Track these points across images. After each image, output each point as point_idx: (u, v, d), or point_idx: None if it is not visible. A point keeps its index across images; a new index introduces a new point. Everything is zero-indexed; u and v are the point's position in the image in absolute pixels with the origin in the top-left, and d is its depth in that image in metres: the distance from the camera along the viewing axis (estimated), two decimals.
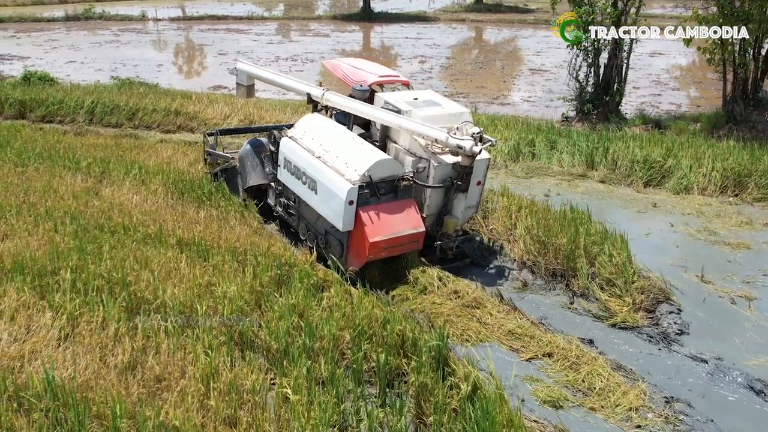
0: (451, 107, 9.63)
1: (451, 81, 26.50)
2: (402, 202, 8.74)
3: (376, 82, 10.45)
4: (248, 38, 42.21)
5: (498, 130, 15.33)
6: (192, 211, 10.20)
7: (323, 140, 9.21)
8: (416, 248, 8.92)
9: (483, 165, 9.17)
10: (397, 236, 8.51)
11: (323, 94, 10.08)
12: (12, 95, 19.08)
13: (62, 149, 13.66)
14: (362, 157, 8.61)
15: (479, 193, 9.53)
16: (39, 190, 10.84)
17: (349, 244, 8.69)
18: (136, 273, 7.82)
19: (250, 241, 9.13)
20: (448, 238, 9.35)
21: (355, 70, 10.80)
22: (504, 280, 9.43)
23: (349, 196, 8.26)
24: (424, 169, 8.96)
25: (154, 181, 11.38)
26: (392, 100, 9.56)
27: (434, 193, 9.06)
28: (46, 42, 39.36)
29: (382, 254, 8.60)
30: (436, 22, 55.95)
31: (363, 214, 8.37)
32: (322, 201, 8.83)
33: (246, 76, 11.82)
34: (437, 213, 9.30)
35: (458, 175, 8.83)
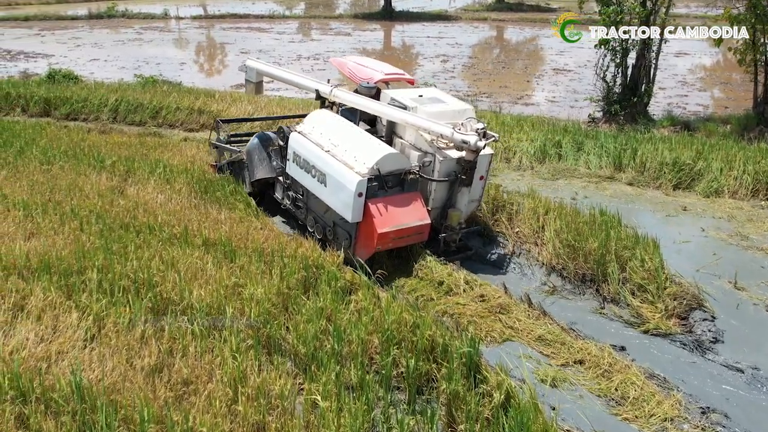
0: (455, 104, 9.90)
1: (474, 80, 26.31)
2: (409, 195, 9.03)
3: (382, 79, 10.75)
4: (270, 37, 42.24)
5: (524, 131, 15.15)
6: (215, 211, 10.12)
7: (332, 135, 9.48)
8: (422, 239, 9.22)
9: (486, 160, 9.46)
10: (404, 228, 8.80)
11: (331, 91, 10.39)
12: (37, 93, 19.18)
13: (87, 147, 13.67)
14: (371, 151, 8.89)
15: (482, 187, 9.81)
16: (64, 189, 10.84)
17: (357, 235, 8.97)
18: (162, 273, 7.75)
19: (277, 242, 9.04)
20: (452, 231, 9.59)
21: (361, 68, 11.14)
22: (532, 284, 9.27)
23: (359, 188, 8.53)
24: (430, 163, 9.26)
25: (178, 180, 11.35)
26: (399, 97, 9.86)
27: (439, 186, 9.35)
28: (69, 40, 39.65)
29: (389, 245, 8.89)
30: (457, 21, 55.71)
31: (372, 206, 8.65)
32: (331, 193, 9.07)
33: (255, 73, 12.05)
34: (442, 206, 9.59)
35: (462, 169, 9.11)
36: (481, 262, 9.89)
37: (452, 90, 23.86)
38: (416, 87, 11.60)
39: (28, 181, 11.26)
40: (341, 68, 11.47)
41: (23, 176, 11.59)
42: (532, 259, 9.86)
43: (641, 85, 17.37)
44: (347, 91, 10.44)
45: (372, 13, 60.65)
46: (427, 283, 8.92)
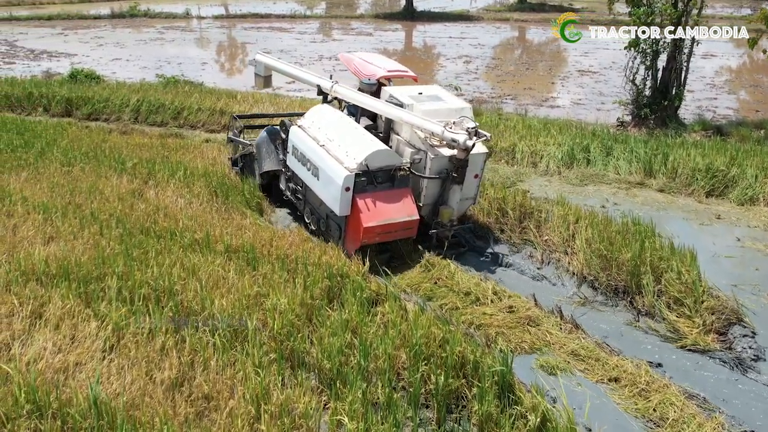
0: (452, 102, 9.99)
1: (498, 82, 25.95)
2: (398, 190, 9.18)
3: (384, 76, 10.89)
4: (291, 37, 42.12)
5: (551, 135, 14.81)
6: (239, 216, 9.92)
7: (328, 130, 9.74)
8: (410, 235, 9.38)
9: (480, 159, 9.61)
10: (390, 223, 8.98)
11: (332, 87, 10.64)
12: (59, 93, 19.13)
13: (108, 149, 13.54)
14: (361, 147, 9.11)
15: (476, 185, 9.93)
16: (85, 191, 10.69)
17: (346, 229, 9.22)
18: (183, 281, 7.56)
19: (302, 248, 8.81)
20: (443, 227, 9.69)
21: (366, 64, 11.24)
22: (562, 295, 8.96)
23: (346, 182, 8.75)
24: (421, 160, 9.40)
25: (198, 183, 11.16)
26: (397, 94, 10.02)
27: (430, 183, 9.50)
28: (92, 39, 39.80)
29: (376, 239, 9.06)
30: (479, 21, 55.31)
31: (359, 201, 8.87)
32: (323, 187, 9.34)
33: (264, 67, 12.46)
34: (434, 203, 9.73)
35: (454, 167, 9.23)
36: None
37: (476, 92, 23.55)
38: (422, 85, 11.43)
39: (49, 183, 11.13)
40: (348, 64, 11.59)
41: (44, 178, 11.46)
42: (561, 269, 9.55)
43: (672, 88, 16.91)
44: (347, 87, 10.67)
45: (393, 13, 60.41)
46: (449, 290, 8.68)
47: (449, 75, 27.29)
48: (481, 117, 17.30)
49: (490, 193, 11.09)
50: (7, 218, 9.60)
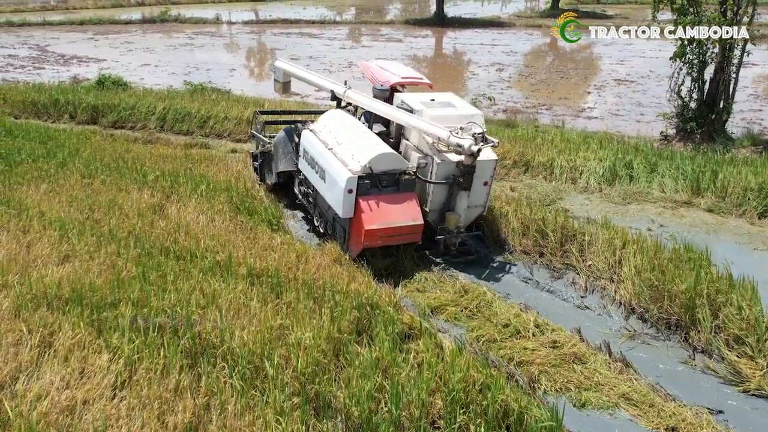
0: (463, 109, 10.00)
1: (532, 91, 25.23)
2: (403, 195, 9.16)
3: (398, 82, 10.99)
4: (320, 43, 41.73)
5: (591, 149, 14.10)
6: (267, 237, 9.40)
7: (338, 134, 9.82)
8: (414, 240, 9.34)
9: (490, 165, 9.57)
10: (394, 226, 8.95)
11: (345, 92, 10.93)
12: (85, 100, 18.88)
13: (131, 160, 13.14)
14: (366, 150, 9.13)
15: (486, 193, 9.84)
16: (104, 206, 10.26)
17: (350, 231, 9.26)
18: (202, 310, 7.04)
19: (329, 272, 8.26)
20: (449, 234, 9.67)
21: (381, 71, 11.39)
22: (609, 327, 8.28)
23: (348, 184, 8.81)
24: (426, 165, 9.44)
25: (220, 198, 10.67)
26: (408, 100, 10.13)
27: (436, 189, 9.48)
28: (122, 44, 39.82)
29: (378, 243, 9.05)
30: (510, 27, 54.53)
31: (362, 203, 8.89)
32: (328, 189, 9.44)
33: (282, 73, 12.81)
34: (440, 209, 9.70)
35: (461, 173, 9.18)
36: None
37: (509, 101, 22.88)
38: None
39: (68, 196, 10.72)
40: (365, 71, 11.77)
41: (63, 191, 11.07)
42: (607, 298, 8.86)
43: (719, 101, 16.03)
44: (359, 92, 10.85)
45: (423, 19, 59.87)
46: (485, 320, 8.07)
47: (481, 83, 26.64)
48: (517, 129, 16.67)
49: (527, 213, 10.44)
50: (23, 235, 9.19)
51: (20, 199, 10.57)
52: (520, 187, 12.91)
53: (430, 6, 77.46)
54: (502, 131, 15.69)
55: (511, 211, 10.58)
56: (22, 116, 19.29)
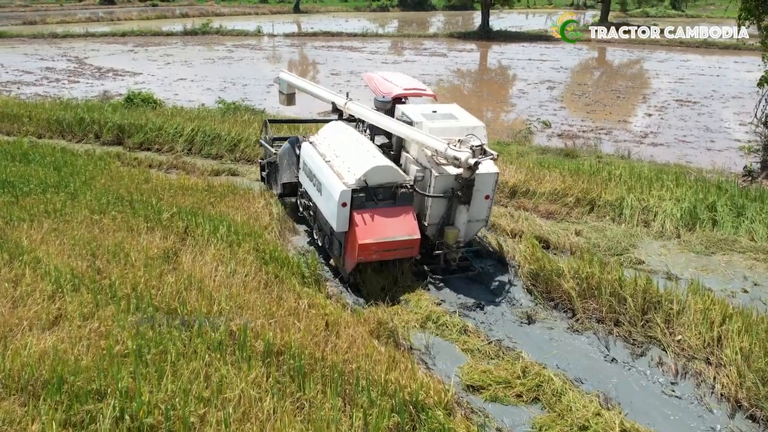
0: (465, 121, 9.64)
1: (588, 113, 23.46)
2: (399, 208, 8.91)
3: (401, 94, 10.73)
4: (362, 57, 40.51)
5: (666, 187, 12.38)
6: (291, 297, 7.94)
7: (337, 146, 9.65)
8: (411, 254, 9.08)
9: (491, 179, 9.22)
10: (389, 241, 8.70)
11: (346, 104, 10.76)
12: (111, 119, 17.76)
13: (147, 191, 11.84)
14: (362, 163, 8.91)
15: (488, 207, 9.48)
16: (109, 252, 8.92)
17: (345, 245, 9.02)
18: (203, 408, 5.60)
19: (365, 351, 6.76)
20: (448, 249, 9.41)
21: (384, 82, 11.20)
22: (708, 426, 6.62)
23: (342, 198, 8.60)
24: (423, 178, 9.16)
25: (244, 245, 9.25)
26: (408, 112, 9.89)
27: (435, 202, 9.20)
28: (160, 57, 39.14)
29: (374, 257, 8.81)
30: (558, 42, 52.59)
31: (357, 217, 8.68)
32: (324, 202, 9.21)
33: (287, 85, 12.84)
34: (439, 223, 9.38)
35: (460, 186, 8.92)
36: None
37: (564, 124, 21.16)
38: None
39: (71, 237, 9.42)
40: (369, 82, 11.57)
41: (68, 230, 9.78)
42: (705, 386, 7.19)
43: None
44: (360, 104, 10.58)
45: (468, 33, 58.38)
46: (558, 417, 6.49)
47: (532, 103, 24.99)
48: (578, 160, 15.02)
49: (597, 272, 8.79)
50: (12, 287, 7.91)
51: (17, 240, 9.31)
52: (586, 230, 11.26)
53: (474, 19, 75.97)
54: (562, 162, 14.06)
55: (580, 266, 8.94)
56: (46, 135, 18.28)
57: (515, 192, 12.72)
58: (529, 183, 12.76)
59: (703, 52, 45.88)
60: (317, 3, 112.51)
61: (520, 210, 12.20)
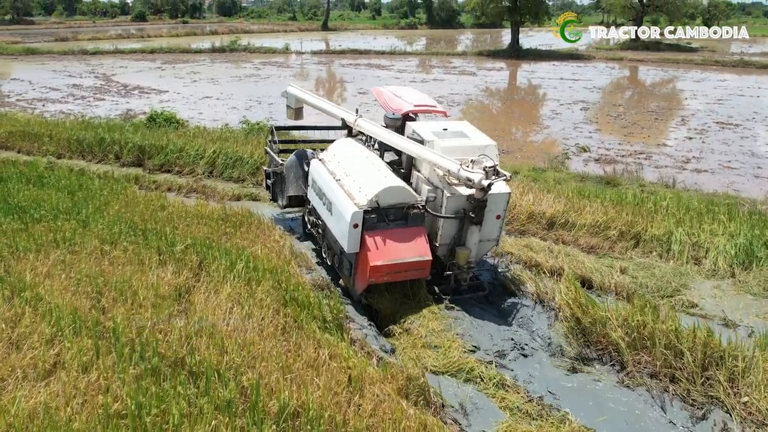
0: (477, 140, 9.36)
1: (624, 135, 22.52)
2: (411, 229, 8.76)
3: (411, 110, 10.44)
4: (390, 75, 39.99)
5: (718, 220, 11.47)
6: (312, 347, 7.19)
7: (347, 164, 9.45)
8: (422, 276, 8.87)
9: (502, 199, 9.01)
10: (400, 262, 8.53)
11: (355, 120, 10.53)
12: (131, 140, 17.27)
13: (162, 219, 11.22)
14: (373, 183, 8.73)
15: (499, 227, 9.27)
16: (116, 289, 8.26)
17: (355, 266, 8.86)
18: None
19: (392, 416, 5.98)
20: (459, 269, 9.23)
21: (394, 98, 10.91)
22: None
23: (354, 219, 8.39)
24: (435, 198, 8.98)
25: (264, 284, 8.53)
26: (419, 129, 9.57)
27: (447, 223, 8.99)
28: (187, 74, 38.97)
29: (385, 278, 8.67)
30: (590, 60, 51.93)
31: (368, 238, 8.50)
32: (335, 222, 9.01)
33: (294, 99, 12.56)
34: (450, 243, 9.17)
35: (472, 207, 8.73)
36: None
37: (600, 147, 20.26)
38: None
39: (78, 271, 8.79)
40: (379, 97, 11.30)
41: (75, 262, 9.16)
42: None
43: None
44: (371, 121, 10.35)
45: (497, 51, 57.75)
46: None
47: (566, 125, 24.13)
48: (620, 188, 14.14)
49: (650, 321, 7.91)
50: (10, 328, 7.27)
51: (21, 273, 8.70)
52: (631, 268, 10.39)
53: (503, 37, 75.46)
54: (603, 191, 13.19)
55: (630, 313, 8.09)
56: (66, 155, 17.86)
57: (553, 223, 11.90)
58: (568, 214, 11.93)
59: (740, 71, 44.76)
60: (345, 20, 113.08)
61: (559, 243, 11.37)
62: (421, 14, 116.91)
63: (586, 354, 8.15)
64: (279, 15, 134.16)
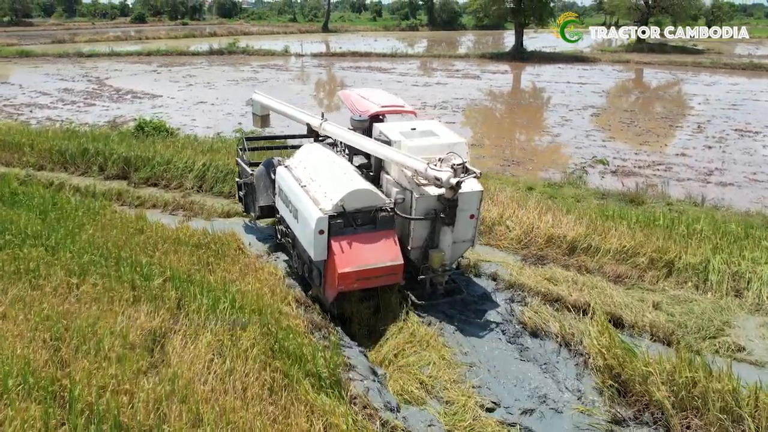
0: (446, 138, 9.18)
1: (640, 144, 21.36)
2: (380, 233, 8.44)
3: (378, 112, 10.24)
4: (391, 79, 38.88)
5: (759, 246, 10.32)
6: (303, 413, 6.06)
7: (313, 170, 9.26)
8: (395, 281, 8.56)
9: (475, 197, 8.81)
10: (370, 268, 8.22)
11: (321, 124, 10.31)
12: (117, 151, 16.14)
13: (139, 245, 10.07)
14: (339, 187, 8.51)
15: (473, 227, 9.03)
16: (79, 336, 7.10)
17: (324, 275, 8.56)
18: None
19: None
20: (434, 273, 8.92)
21: (361, 100, 10.72)
22: None
23: (319, 225, 8.15)
24: (403, 200, 8.75)
25: (250, 329, 7.38)
26: (386, 130, 9.42)
27: (418, 225, 8.76)
28: (183, 78, 37.88)
29: (355, 286, 8.35)
30: (596, 63, 50.84)
31: (335, 245, 8.21)
32: (301, 230, 8.76)
33: (260, 106, 12.43)
34: (423, 246, 8.89)
35: (443, 207, 8.49)
36: None
37: (616, 158, 19.10)
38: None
39: (38, 312, 7.64)
40: (346, 101, 11.13)
41: (36, 300, 8.02)
42: None
43: None
44: (336, 125, 10.22)
45: (501, 53, 56.68)
46: None
47: (577, 132, 22.99)
48: (645, 207, 13.01)
49: (702, 378, 6.76)
50: None
51: None
52: (665, 302, 9.24)
53: (504, 39, 74.43)
54: (627, 211, 12.02)
55: (677, 367, 6.94)
56: (47, 166, 16.74)
57: (575, 248, 10.77)
58: (591, 237, 10.80)
59: (750, 74, 43.66)
60: (346, 22, 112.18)
61: (582, 271, 10.22)
62: (422, 16, 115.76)
63: (622, 413, 7.01)
64: (279, 16, 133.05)
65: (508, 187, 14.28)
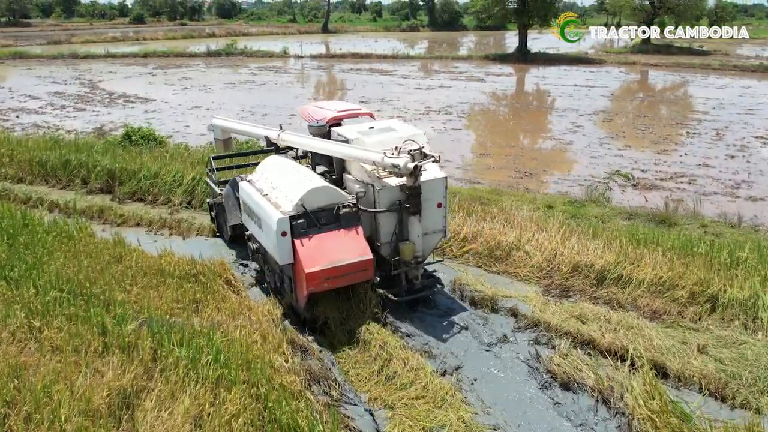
0: (404, 131, 9.18)
1: (658, 153, 20.21)
2: (345, 230, 8.35)
3: (335, 117, 10.32)
4: (392, 81, 37.78)
5: None
6: None
7: (274, 179, 9.20)
8: (366, 278, 8.42)
9: (440, 185, 8.81)
10: (339, 266, 8.08)
11: (278, 135, 10.42)
12: (101, 162, 15.03)
13: (116, 278, 8.93)
14: (298, 188, 8.46)
15: (443, 216, 9.01)
16: (33, 399, 5.98)
17: (294, 279, 8.39)
18: None
19: None
20: (407, 266, 8.86)
21: (317, 110, 10.80)
22: None
23: (280, 226, 8.07)
24: (365, 193, 8.69)
25: (235, 390, 6.25)
26: (343, 131, 9.47)
27: (384, 218, 8.69)
28: (179, 81, 36.79)
29: (325, 285, 8.15)
30: (601, 64, 49.74)
31: (299, 245, 8.10)
32: (265, 236, 8.63)
33: (221, 130, 12.56)
34: (393, 240, 8.79)
35: (406, 197, 8.47)
36: None
37: (635, 169, 17.95)
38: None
39: None
40: (302, 114, 11.16)
41: None
42: None
43: None
44: (293, 133, 10.38)
45: (504, 55, 55.57)
46: None
47: (591, 140, 21.87)
48: (678, 228, 11.87)
49: None
50: None
51: None
52: (711, 344, 8.10)
53: (506, 40, 73.28)
54: (660, 235, 10.86)
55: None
56: (27, 179, 15.65)
57: (603, 278, 9.65)
58: (622, 266, 9.67)
59: (760, 76, 42.53)
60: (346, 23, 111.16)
61: (613, 305, 9.10)
62: (422, 16, 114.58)
63: None
64: (279, 17, 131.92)
65: (525, 204, 13.16)
